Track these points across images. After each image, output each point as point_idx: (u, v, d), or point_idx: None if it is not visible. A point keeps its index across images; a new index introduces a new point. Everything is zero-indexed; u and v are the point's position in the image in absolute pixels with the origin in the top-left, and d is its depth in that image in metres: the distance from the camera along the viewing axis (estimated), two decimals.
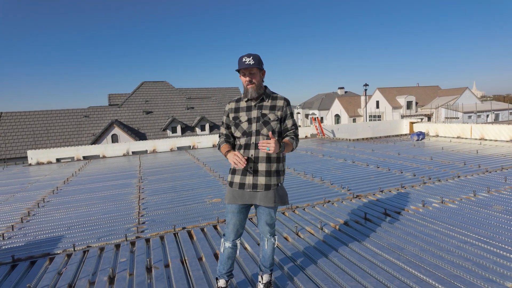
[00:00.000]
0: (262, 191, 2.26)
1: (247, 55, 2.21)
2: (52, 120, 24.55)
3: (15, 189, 7.00)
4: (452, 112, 31.76)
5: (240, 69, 2.22)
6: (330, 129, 15.19)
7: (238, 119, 2.33)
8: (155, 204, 5.07)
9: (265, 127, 2.27)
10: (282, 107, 2.31)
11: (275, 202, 2.29)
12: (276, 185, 2.31)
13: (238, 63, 2.25)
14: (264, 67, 2.31)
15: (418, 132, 11.68)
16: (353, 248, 3.12)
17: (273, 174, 2.28)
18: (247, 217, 2.42)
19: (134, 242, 3.63)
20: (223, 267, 2.39)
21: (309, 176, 6.31)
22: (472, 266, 2.66)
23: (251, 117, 2.29)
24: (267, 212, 2.34)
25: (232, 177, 2.34)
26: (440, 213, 3.92)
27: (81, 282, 2.83)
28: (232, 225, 2.33)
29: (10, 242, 3.84)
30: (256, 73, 2.24)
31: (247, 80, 2.24)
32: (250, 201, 2.30)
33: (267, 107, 2.30)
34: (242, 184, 2.27)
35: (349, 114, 42.57)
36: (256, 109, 2.30)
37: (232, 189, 2.31)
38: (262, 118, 2.28)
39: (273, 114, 2.29)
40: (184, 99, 29.66)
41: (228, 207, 2.34)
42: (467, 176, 5.67)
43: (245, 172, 2.27)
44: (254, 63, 2.19)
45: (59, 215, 4.78)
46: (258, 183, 2.26)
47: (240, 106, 2.36)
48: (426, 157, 7.65)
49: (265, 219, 2.36)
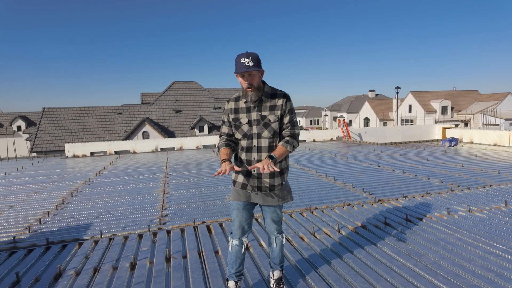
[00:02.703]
0: (267, 191, 2.27)
1: (245, 55, 2.09)
2: (89, 116, 25.96)
3: (53, 179, 7.52)
4: (491, 119, 29.91)
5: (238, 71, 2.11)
6: (357, 132, 14.88)
7: (238, 120, 2.28)
8: (178, 198, 5.26)
9: (265, 130, 2.23)
10: (281, 105, 2.23)
11: (279, 201, 2.30)
12: (280, 184, 2.30)
13: (235, 63, 2.13)
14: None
15: (451, 138, 11.16)
16: (369, 251, 3.09)
17: (276, 175, 2.27)
18: (253, 215, 2.42)
19: (156, 233, 3.80)
20: (231, 266, 2.38)
21: (331, 178, 6.25)
22: (495, 277, 2.55)
23: (251, 119, 2.24)
24: (273, 210, 2.34)
25: (235, 176, 2.34)
26: (466, 221, 3.77)
27: (105, 266, 3.02)
28: (237, 222, 2.31)
29: (45, 227, 4.16)
30: (256, 75, 2.15)
31: (246, 83, 2.14)
32: (254, 200, 2.31)
33: (267, 108, 2.23)
34: (245, 185, 2.28)
35: (379, 118, 41.34)
36: (255, 111, 2.23)
37: (235, 188, 2.33)
38: (262, 120, 2.22)
39: (273, 115, 2.22)
40: (212, 99, 30.25)
41: (233, 204, 2.35)
42: (500, 185, 5.37)
43: (249, 173, 2.26)
44: (253, 65, 2.08)
45: (90, 205, 5.10)
46: (263, 185, 2.26)
47: (239, 107, 2.28)
48: (457, 164, 7.31)
49: (271, 217, 2.36)
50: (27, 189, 6.45)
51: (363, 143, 12.84)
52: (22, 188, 6.57)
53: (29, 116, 42.50)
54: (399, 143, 12.41)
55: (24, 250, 3.46)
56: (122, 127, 25.96)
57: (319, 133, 14.80)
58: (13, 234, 3.85)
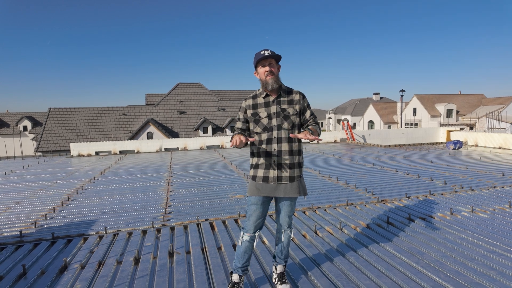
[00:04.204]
0: (287, 183, 2.34)
1: (265, 49, 2.29)
2: (94, 117, 26.18)
3: (58, 177, 7.61)
4: (497, 123, 29.68)
5: (260, 60, 2.27)
6: (361, 134, 14.86)
7: (257, 115, 2.37)
8: (182, 196, 5.31)
9: (285, 121, 2.34)
10: (299, 100, 2.39)
11: (300, 192, 2.37)
12: (299, 176, 2.39)
13: (255, 57, 2.32)
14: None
15: (455, 140, 11.10)
16: (371, 249, 3.10)
17: (296, 166, 2.36)
18: (268, 211, 2.47)
19: (159, 229, 3.85)
20: (238, 261, 2.40)
21: (334, 179, 6.26)
22: (496, 275, 2.55)
23: (271, 112, 2.34)
24: (289, 203, 2.40)
25: (255, 171, 2.39)
26: (469, 221, 3.76)
27: (109, 260, 3.06)
28: (255, 217, 2.35)
29: (51, 222, 4.22)
30: (274, 65, 2.31)
31: (267, 70, 2.27)
32: (274, 194, 2.34)
33: (285, 102, 2.36)
34: (266, 178, 2.34)
35: (383, 121, 41.20)
36: (275, 104, 2.35)
37: (256, 182, 2.37)
38: (282, 112, 2.34)
39: (292, 108, 2.36)
40: (216, 100, 30.36)
41: (252, 199, 2.37)
42: (504, 187, 5.35)
43: (268, 166, 2.33)
44: (272, 54, 2.26)
45: (95, 202, 5.16)
46: (283, 176, 2.33)
47: (258, 103, 2.39)
48: (461, 166, 7.28)
49: (286, 210, 2.42)
50: (33, 186, 6.54)
51: (367, 145, 12.82)
52: (28, 185, 6.66)
53: (35, 116, 42.95)
54: (403, 145, 12.38)
55: (30, 244, 3.52)
56: (127, 128, 26.14)
57: (322, 135, 14.79)
58: (19, 229, 3.92)
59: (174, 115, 28.07)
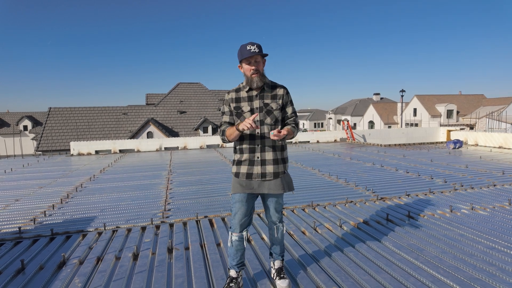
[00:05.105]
0: (271, 179, 2.30)
1: (251, 43, 2.18)
2: (94, 116, 26.17)
3: (58, 175, 7.60)
4: (497, 123, 29.65)
5: (246, 57, 2.18)
6: (361, 134, 14.85)
7: (240, 109, 2.31)
8: (181, 194, 5.30)
9: (268, 117, 2.28)
10: (283, 95, 2.32)
11: (284, 188, 2.32)
12: (283, 172, 2.35)
13: (240, 51, 2.21)
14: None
15: (455, 140, 11.10)
16: (370, 246, 3.09)
17: (280, 162, 2.33)
18: (254, 208, 2.42)
19: (159, 226, 3.84)
20: (233, 259, 2.39)
21: (334, 177, 6.25)
22: (496, 271, 2.54)
23: (254, 107, 2.28)
24: (276, 200, 2.37)
25: (238, 168, 2.33)
26: (468, 219, 3.75)
27: (108, 256, 3.06)
28: (240, 214, 2.31)
29: (50, 219, 4.21)
30: (260, 62, 2.23)
31: (252, 68, 2.20)
32: (258, 190, 2.30)
33: (269, 96, 2.30)
34: (250, 174, 2.29)
35: (383, 121, 41.19)
36: (258, 99, 2.29)
37: (239, 179, 2.32)
38: (265, 107, 2.28)
39: (275, 103, 2.30)
40: (216, 100, 30.35)
41: (236, 197, 2.33)
42: (504, 185, 5.34)
43: (252, 162, 2.28)
44: (259, 51, 2.16)
45: (94, 199, 5.15)
46: (267, 172, 2.28)
47: (241, 96, 2.32)
48: (461, 165, 7.27)
49: (274, 206, 2.39)
50: (33, 184, 6.53)
51: (367, 145, 12.81)
52: (27, 183, 6.66)
53: (35, 116, 42.97)
54: (403, 145, 12.37)
55: (29, 240, 3.51)
56: (127, 128, 26.14)
57: (322, 135, 14.79)
58: (18, 225, 3.91)
59: (174, 115, 28.06)
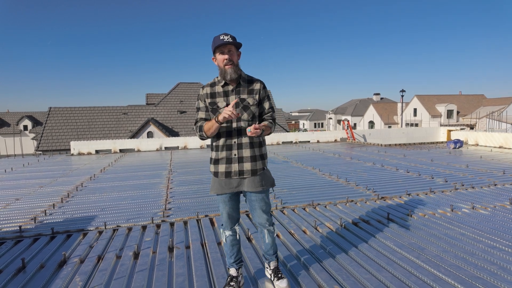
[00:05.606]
0: (249, 176, 2.23)
1: (224, 34, 2.09)
2: (94, 116, 26.16)
3: (58, 174, 7.60)
4: (497, 123, 29.65)
5: (219, 46, 2.08)
6: (361, 133, 14.84)
7: (215, 104, 2.21)
8: (182, 193, 5.30)
9: (245, 112, 2.20)
10: (259, 90, 2.25)
11: (263, 185, 2.25)
12: (262, 169, 2.27)
13: (213, 41, 2.12)
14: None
15: (456, 140, 11.09)
16: (371, 245, 3.09)
17: (258, 159, 2.25)
18: (239, 203, 2.38)
19: (159, 225, 3.84)
20: (230, 256, 2.38)
21: (334, 177, 6.25)
22: (497, 270, 2.54)
23: (229, 103, 2.17)
24: (260, 198, 2.28)
25: (216, 167, 2.26)
26: (469, 218, 3.75)
27: (109, 255, 3.05)
28: (226, 213, 2.30)
29: (51, 218, 4.21)
30: (234, 52, 2.14)
31: (226, 58, 2.10)
32: (238, 189, 2.25)
33: (245, 91, 2.22)
34: (228, 173, 2.22)
35: (384, 121, 41.19)
36: (234, 94, 2.21)
37: (219, 179, 2.25)
38: (242, 103, 2.20)
39: (252, 98, 2.22)
40: None
41: (218, 198, 2.30)
42: (505, 185, 5.34)
43: (229, 160, 2.21)
44: (232, 40, 2.08)
45: (94, 198, 5.15)
46: (245, 169, 2.21)
47: (216, 91, 2.23)
48: (462, 165, 7.27)
49: (259, 206, 2.29)
50: (33, 183, 6.53)
51: (367, 144, 12.81)
52: (28, 183, 6.66)
53: (35, 115, 42.96)
54: (404, 145, 12.37)
55: (29, 239, 3.51)
56: (127, 127, 26.13)
57: (323, 134, 14.79)
58: (19, 224, 3.91)
59: (175, 114, 28.05)
